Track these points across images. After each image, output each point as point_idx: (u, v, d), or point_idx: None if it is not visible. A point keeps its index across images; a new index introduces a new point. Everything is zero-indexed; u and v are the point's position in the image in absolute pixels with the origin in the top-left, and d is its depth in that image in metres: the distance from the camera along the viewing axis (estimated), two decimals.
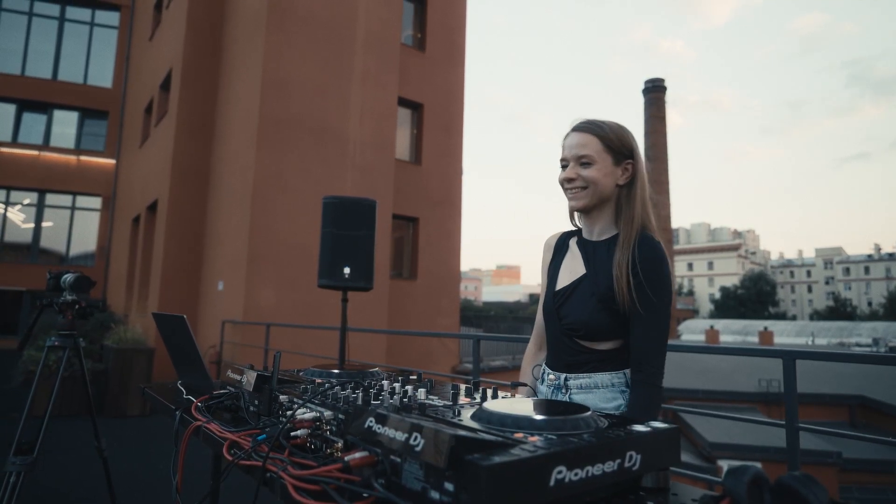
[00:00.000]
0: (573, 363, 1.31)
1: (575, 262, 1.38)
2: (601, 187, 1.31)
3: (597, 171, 1.30)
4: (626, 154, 1.33)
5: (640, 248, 1.25)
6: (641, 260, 1.24)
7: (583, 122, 1.34)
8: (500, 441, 0.64)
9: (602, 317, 1.26)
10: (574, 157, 1.32)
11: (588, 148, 1.30)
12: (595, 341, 1.29)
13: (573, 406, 0.82)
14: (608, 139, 1.30)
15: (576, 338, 1.30)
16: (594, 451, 0.64)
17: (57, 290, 2.40)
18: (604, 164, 1.30)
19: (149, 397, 1.46)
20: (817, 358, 2.28)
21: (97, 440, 2.47)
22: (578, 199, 1.33)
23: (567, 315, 1.32)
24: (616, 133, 1.32)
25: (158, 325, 1.48)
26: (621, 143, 1.32)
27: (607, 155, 1.31)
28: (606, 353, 1.29)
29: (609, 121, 1.35)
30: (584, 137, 1.31)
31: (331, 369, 1.28)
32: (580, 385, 1.30)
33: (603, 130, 1.31)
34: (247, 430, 0.96)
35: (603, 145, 1.30)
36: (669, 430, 0.74)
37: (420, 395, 0.94)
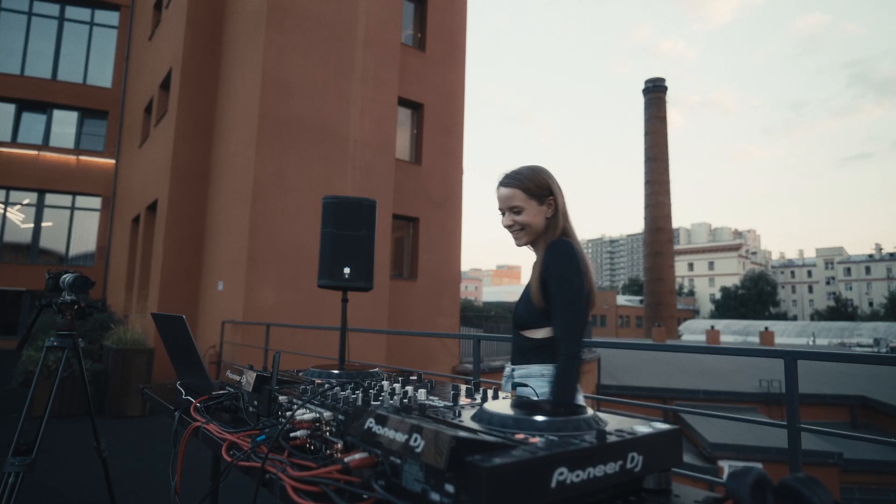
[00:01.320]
0: (517, 354, 1.59)
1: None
2: (534, 226, 1.60)
3: (527, 216, 1.60)
4: (546, 193, 1.61)
5: (547, 251, 1.55)
6: (547, 260, 1.53)
7: (505, 178, 1.62)
8: (501, 442, 0.63)
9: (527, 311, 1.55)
10: (507, 207, 1.62)
11: (515, 199, 1.59)
12: (529, 329, 1.56)
13: (574, 407, 0.81)
14: (528, 188, 1.59)
15: (518, 329, 1.59)
16: (596, 452, 0.64)
17: (56, 290, 2.40)
18: (531, 207, 1.60)
19: (148, 398, 1.45)
20: (818, 358, 2.27)
21: (96, 441, 2.46)
22: (520, 238, 1.64)
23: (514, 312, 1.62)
24: (533, 180, 1.60)
25: (158, 326, 1.48)
26: (539, 186, 1.60)
27: (532, 200, 1.59)
28: (539, 342, 1.55)
29: (525, 169, 1.63)
30: (509, 191, 1.60)
31: (331, 370, 1.28)
32: (521, 375, 1.55)
33: (523, 182, 1.59)
34: (246, 431, 0.96)
35: (526, 194, 1.59)
36: (671, 431, 0.74)
37: (420, 395, 0.94)
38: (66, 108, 16.70)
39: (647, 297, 61.33)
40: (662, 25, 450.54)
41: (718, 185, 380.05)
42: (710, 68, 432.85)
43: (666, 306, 59.03)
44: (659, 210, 61.17)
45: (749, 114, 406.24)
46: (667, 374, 20.53)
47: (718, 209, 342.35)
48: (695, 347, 2.72)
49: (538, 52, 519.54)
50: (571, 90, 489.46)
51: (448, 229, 11.59)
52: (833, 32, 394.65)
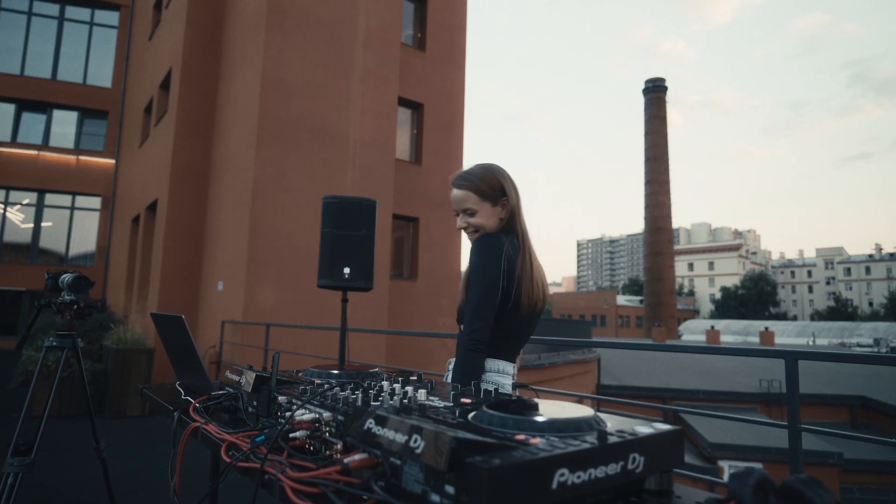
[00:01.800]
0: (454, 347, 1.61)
1: None
2: (488, 227, 1.57)
3: (481, 217, 1.57)
4: (499, 194, 1.57)
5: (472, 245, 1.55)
6: (470, 253, 1.54)
7: (457, 179, 1.60)
8: (502, 443, 0.63)
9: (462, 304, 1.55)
10: (460, 209, 1.59)
11: (468, 201, 1.57)
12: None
13: (575, 408, 0.81)
14: (481, 189, 1.56)
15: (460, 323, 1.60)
16: (597, 453, 0.63)
17: (55, 290, 2.39)
18: (484, 209, 1.57)
19: (147, 398, 1.45)
20: (820, 358, 2.27)
21: (96, 441, 2.46)
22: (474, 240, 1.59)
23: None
24: (486, 181, 1.57)
25: (157, 326, 1.47)
26: (492, 187, 1.57)
27: (485, 202, 1.56)
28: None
29: (478, 169, 1.60)
30: (462, 193, 1.58)
31: (330, 370, 1.27)
32: (451, 366, 1.59)
33: (475, 184, 1.56)
34: (245, 432, 0.95)
35: (479, 196, 1.56)
36: (672, 431, 0.73)
37: (420, 396, 0.93)
38: (66, 108, 16.70)
39: (647, 297, 61.34)
40: (662, 25, 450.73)
41: (718, 185, 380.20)
42: (710, 68, 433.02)
43: (666, 306, 59.04)
44: (659, 210, 61.18)
45: (749, 114, 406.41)
46: (667, 374, 20.54)
47: (718, 209, 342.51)
48: (695, 347, 2.71)
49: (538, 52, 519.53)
50: (571, 90, 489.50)
51: (448, 229, 11.59)
52: (833, 32, 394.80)
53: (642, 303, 64.33)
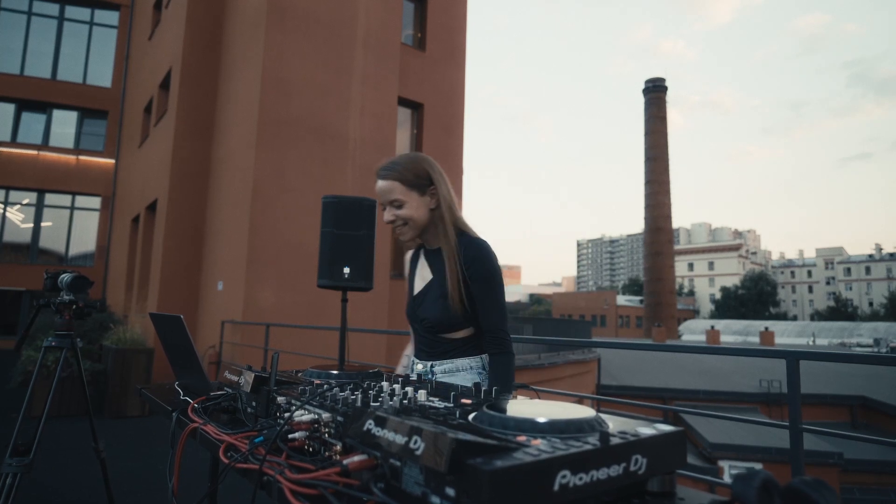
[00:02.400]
0: (437, 352, 1.54)
1: (424, 270, 1.61)
2: (417, 219, 1.51)
3: (409, 209, 1.50)
4: (427, 183, 1.51)
5: (466, 251, 1.48)
6: (469, 261, 1.46)
7: (383, 170, 1.51)
8: (503, 445, 0.62)
9: (449, 314, 1.48)
10: (387, 202, 1.52)
11: (395, 192, 1.49)
12: (451, 332, 1.52)
13: (577, 409, 0.80)
14: (407, 179, 1.49)
15: (436, 333, 1.52)
16: (599, 454, 0.63)
17: (54, 290, 2.39)
18: (412, 200, 1.50)
19: (146, 398, 1.44)
20: (821, 359, 2.26)
21: (95, 441, 2.45)
22: (404, 233, 1.55)
23: (424, 316, 1.54)
24: (412, 170, 1.50)
25: (156, 326, 1.47)
26: (418, 176, 1.50)
27: (412, 191, 1.50)
28: (463, 340, 1.53)
29: (403, 158, 1.53)
30: (387, 184, 1.50)
31: (330, 370, 1.27)
32: (444, 370, 1.52)
33: (401, 173, 1.49)
34: (244, 433, 0.94)
35: (405, 186, 1.49)
36: (675, 432, 0.72)
37: (420, 396, 0.92)
38: (66, 107, 16.69)
39: (647, 297, 61.34)
40: (662, 25, 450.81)
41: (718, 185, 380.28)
42: (710, 68, 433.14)
43: (666, 306, 59.04)
44: (659, 210, 61.18)
45: (749, 114, 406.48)
46: (667, 374, 20.53)
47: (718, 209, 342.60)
48: (696, 347, 2.71)
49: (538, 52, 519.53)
50: (571, 90, 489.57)
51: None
52: (833, 32, 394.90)
53: (642, 303, 64.34)
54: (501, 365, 1.46)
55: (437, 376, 1.51)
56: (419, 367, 1.59)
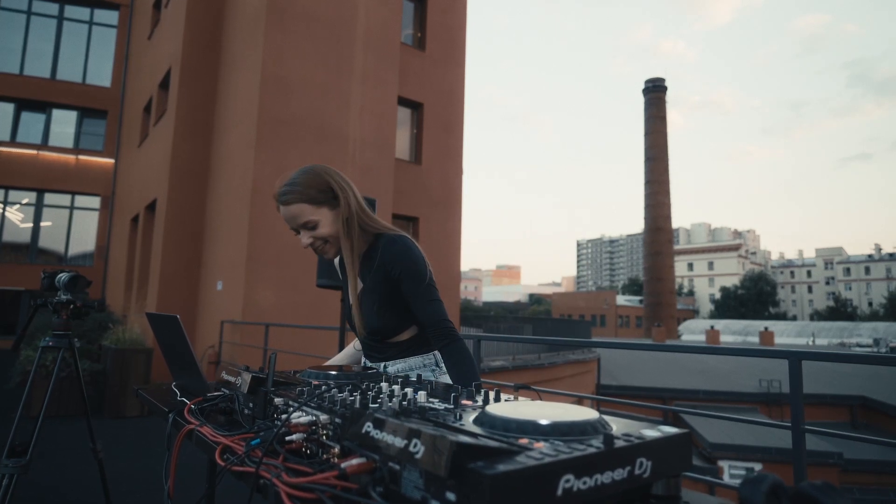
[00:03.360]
0: (386, 355, 1.51)
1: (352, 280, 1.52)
2: (336, 234, 1.44)
3: (325, 228, 1.42)
4: (332, 195, 1.42)
5: (384, 251, 1.43)
6: (391, 260, 1.41)
7: (283, 195, 1.41)
8: (505, 448, 0.60)
9: (388, 319, 1.45)
10: (299, 225, 1.43)
11: (305, 215, 1.40)
12: (394, 337, 1.49)
13: (580, 410, 0.78)
14: (312, 197, 1.39)
15: (380, 340, 1.49)
16: (603, 458, 0.61)
17: (52, 289, 2.37)
18: (325, 217, 1.42)
19: (143, 399, 1.43)
20: (823, 359, 2.25)
21: (92, 442, 2.44)
22: (327, 252, 1.48)
23: (364, 326, 1.48)
24: (314, 186, 1.40)
25: (152, 326, 1.45)
26: (321, 191, 1.41)
27: (322, 208, 1.41)
28: (409, 341, 1.50)
29: (299, 176, 1.42)
30: (294, 208, 1.40)
31: (328, 370, 1.25)
32: (398, 369, 1.49)
33: (303, 193, 1.39)
34: (241, 434, 0.93)
35: (312, 205, 1.40)
36: (680, 435, 0.71)
37: (420, 398, 0.91)
38: (66, 107, 16.68)
39: (646, 297, 61.33)
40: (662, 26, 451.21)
41: (718, 185, 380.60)
42: (710, 68, 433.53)
43: (666, 306, 59.05)
44: (659, 210, 61.18)
45: (749, 114, 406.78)
46: (667, 374, 20.53)
47: (718, 209, 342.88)
48: (697, 347, 2.69)
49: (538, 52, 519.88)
50: (571, 90, 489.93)
51: (448, 229, 11.56)
52: (833, 32, 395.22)
53: (642, 303, 64.34)
54: (456, 354, 1.39)
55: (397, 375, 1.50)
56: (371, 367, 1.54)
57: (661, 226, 61.01)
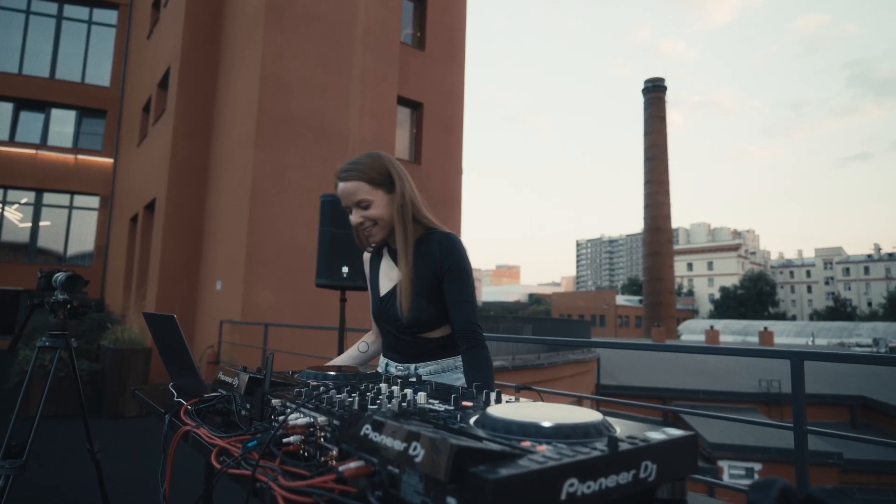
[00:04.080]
0: (416, 354, 1.50)
1: (390, 269, 1.55)
2: (386, 218, 1.46)
3: (376, 209, 1.45)
4: (389, 181, 1.46)
5: (439, 245, 1.46)
6: (443, 254, 1.45)
7: (344, 171, 1.45)
8: (507, 451, 0.59)
9: (430, 311, 1.45)
10: (353, 203, 1.46)
11: (361, 192, 1.44)
12: (429, 332, 1.48)
13: (583, 412, 0.77)
14: (371, 177, 1.44)
15: (415, 333, 1.47)
16: (608, 461, 0.60)
17: (49, 289, 2.35)
18: (379, 199, 1.45)
19: (140, 399, 1.41)
20: (826, 359, 2.23)
21: (90, 443, 2.42)
22: (374, 235, 1.50)
23: (398, 316, 1.46)
24: (375, 168, 1.45)
25: (149, 325, 1.44)
26: (381, 174, 1.45)
27: (378, 190, 1.45)
28: (442, 340, 1.49)
29: (363, 157, 1.47)
30: (352, 185, 1.44)
31: (327, 371, 1.24)
32: (429, 371, 1.49)
33: (364, 172, 1.44)
34: (238, 436, 0.91)
35: (370, 185, 1.44)
36: (686, 437, 0.69)
37: (420, 399, 0.89)
38: (65, 106, 16.64)
39: (646, 297, 61.33)
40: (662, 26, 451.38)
41: (718, 186, 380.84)
42: (710, 68, 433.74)
43: (665, 306, 59.04)
44: (658, 210, 61.17)
45: (749, 114, 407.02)
46: (666, 374, 20.52)
47: (718, 209, 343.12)
48: (699, 348, 2.68)
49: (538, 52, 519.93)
50: (571, 90, 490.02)
51: (448, 229, 11.53)
52: (833, 32, 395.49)
53: (641, 303, 64.32)
54: (476, 359, 1.41)
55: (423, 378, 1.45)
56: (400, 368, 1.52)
57: (661, 226, 61.00)
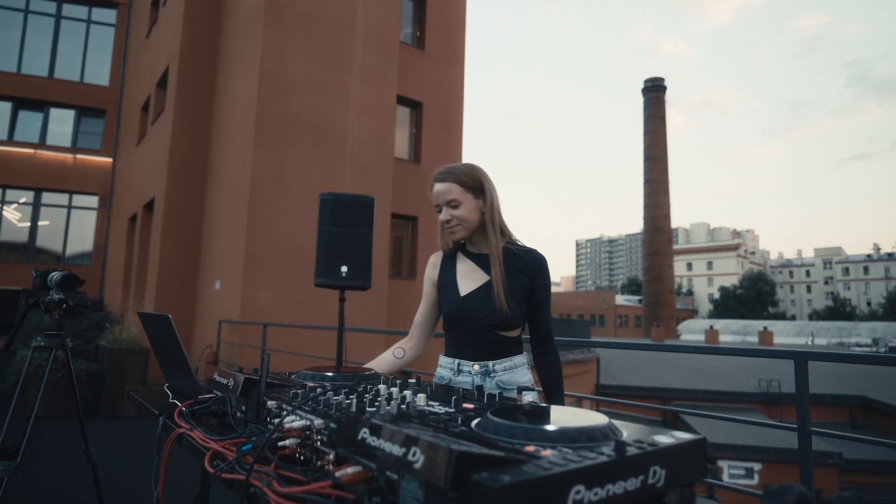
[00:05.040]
0: (494, 351, 1.64)
1: (472, 271, 1.69)
2: (471, 220, 1.63)
3: (464, 210, 1.62)
4: (480, 188, 1.64)
5: (531, 256, 1.65)
6: (537, 268, 1.64)
7: (441, 174, 1.64)
8: (511, 457, 0.56)
9: (517, 312, 1.61)
10: (444, 202, 1.63)
11: (452, 193, 1.61)
12: (508, 331, 1.63)
13: (589, 415, 0.74)
14: (464, 181, 1.62)
15: (497, 330, 1.61)
16: (615, 467, 0.57)
17: (44, 288, 2.33)
18: (468, 201, 1.62)
19: (134, 401, 1.39)
20: (830, 359, 2.21)
21: (85, 444, 2.39)
22: (457, 233, 1.65)
23: (484, 314, 1.60)
24: (468, 174, 1.63)
25: (144, 325, 1.41)
26: (474, 180, 1.63)
27: (468, 193, 1.62)
28: (515, 339, 1.67)
29: (461, 164, 1.67)
30: (446, 186, 1.62)
31: (325, 372, 1.21)
32: (504, 367, 1.64)
33: (458, 176, 1.62)
34: (232, 439, 0.89)
35: (462, 188, 1.61)
36: (695, 441, 0.67)
37: (419, 401, 0.87)
38: (63, 106, 16.58)
39: (645, 296, 61.29)
40: (662, 26, 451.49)
41: (717, 186, 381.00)
42: (710, 68, 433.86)
43: (665, 306, 59.00)
44: (658, 210, 61.14)
45: (749, 114, 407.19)
46: (666, 374, 20.50)
47: (717, 209, 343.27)
48: (702, 348, 2.65)
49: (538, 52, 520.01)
50: (571, 90, 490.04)
51: None
52: (833, 33, 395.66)
53: (641, 302, 64.29)
54: (551, 364, 1.68)
55: (499, 374, 1.62)
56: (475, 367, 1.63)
57: (661, 225, 60.97)
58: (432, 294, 1.79)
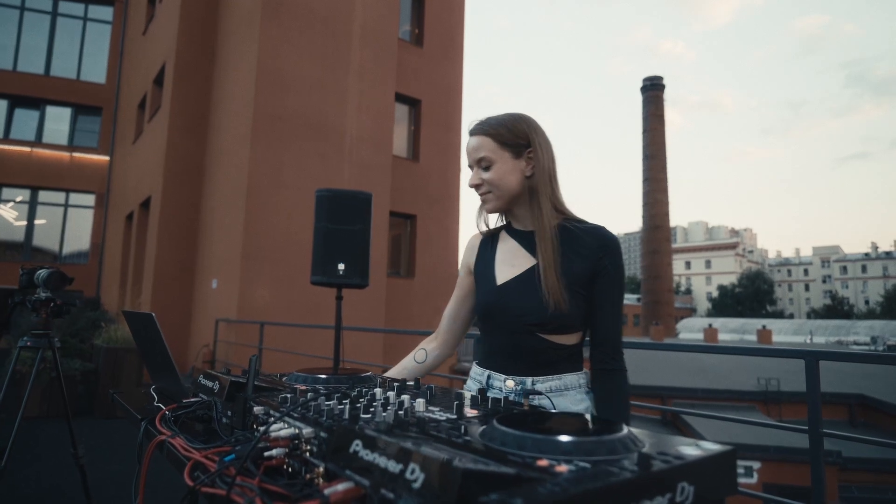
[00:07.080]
0: (538, 363, 1.21)
1: (514, 255, 1.29)
2: (506, 186, 1.24)
3: (497, 172, 1.23)
4: (523, 145, 1.24)
5: (599, 237, 1.22)
6: (606, 247, 1.21)
7: (476, 125, 1.28)
8: (522, 474, 0.50)
9: (575, 306, 1.18)
10: (474, 160, 1.26)
11: (484, 150, 1.24)
12: (561, 335, 1.20)
13: (604, 424, 0.68)
14: (500, 136, 1.23)
15: (539, 333, 1.19)
16: (640, 485, 0.51)
17: (31, 286, 2.26)
18: (503, 162, 1.24)
19: (117, 403, 1.32)
20: (841, 359, 2.15)
21: (74, 447, 2.32)
22: (489, 201, 1.28)
23: (526, 310, 1.20)
24: (508, 126, 1.24)
25: (129, 325, 1.34)
26: (515, 135, 1.24)
27: (504, 151, 1.24)
28: (570, 349, 1.22)
29: (502, 115, 1.27)
30: (478, 140, 1.25)
31: (318, 374, 1.14)
32: (550, 387, 1.20)
33: (494, 128, 1.24)
34: (216, 448, 0.82)
35: (497, 143, 1.23)
36: (725, 453, 0.60)
37: (418, 406, 0.80)
38: (60, 104, 16.47)
39: (644, 295, 61.26)
40: (662, 26, 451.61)
41: (716, 185, 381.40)
42: (710, 69, 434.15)
43: (664, 305, 58.97)
44: (657, 208, 61.11)
45: (748, 114, 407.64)
46: (664, 373, 20.44)
47: (716, 208, 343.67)
48: (709, 347, 2.59)
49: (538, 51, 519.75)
50: (571, 90, 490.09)
51: (446, 227, 11.45)
52: (832, 33, 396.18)
53: (640, 301, 64.28)
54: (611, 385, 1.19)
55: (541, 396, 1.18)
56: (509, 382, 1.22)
57: (659, 224, 60.95)
58: (466, 283, 1.41)
